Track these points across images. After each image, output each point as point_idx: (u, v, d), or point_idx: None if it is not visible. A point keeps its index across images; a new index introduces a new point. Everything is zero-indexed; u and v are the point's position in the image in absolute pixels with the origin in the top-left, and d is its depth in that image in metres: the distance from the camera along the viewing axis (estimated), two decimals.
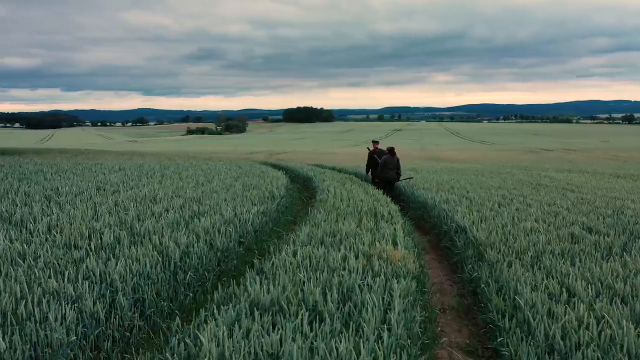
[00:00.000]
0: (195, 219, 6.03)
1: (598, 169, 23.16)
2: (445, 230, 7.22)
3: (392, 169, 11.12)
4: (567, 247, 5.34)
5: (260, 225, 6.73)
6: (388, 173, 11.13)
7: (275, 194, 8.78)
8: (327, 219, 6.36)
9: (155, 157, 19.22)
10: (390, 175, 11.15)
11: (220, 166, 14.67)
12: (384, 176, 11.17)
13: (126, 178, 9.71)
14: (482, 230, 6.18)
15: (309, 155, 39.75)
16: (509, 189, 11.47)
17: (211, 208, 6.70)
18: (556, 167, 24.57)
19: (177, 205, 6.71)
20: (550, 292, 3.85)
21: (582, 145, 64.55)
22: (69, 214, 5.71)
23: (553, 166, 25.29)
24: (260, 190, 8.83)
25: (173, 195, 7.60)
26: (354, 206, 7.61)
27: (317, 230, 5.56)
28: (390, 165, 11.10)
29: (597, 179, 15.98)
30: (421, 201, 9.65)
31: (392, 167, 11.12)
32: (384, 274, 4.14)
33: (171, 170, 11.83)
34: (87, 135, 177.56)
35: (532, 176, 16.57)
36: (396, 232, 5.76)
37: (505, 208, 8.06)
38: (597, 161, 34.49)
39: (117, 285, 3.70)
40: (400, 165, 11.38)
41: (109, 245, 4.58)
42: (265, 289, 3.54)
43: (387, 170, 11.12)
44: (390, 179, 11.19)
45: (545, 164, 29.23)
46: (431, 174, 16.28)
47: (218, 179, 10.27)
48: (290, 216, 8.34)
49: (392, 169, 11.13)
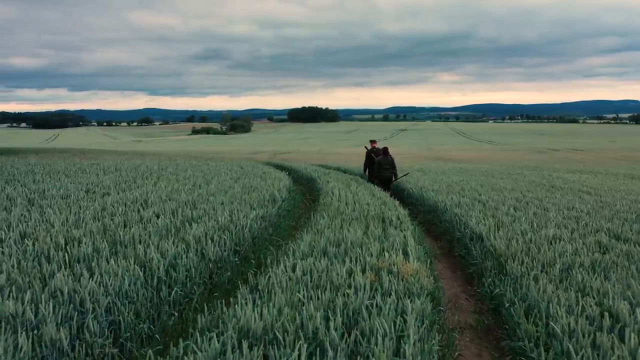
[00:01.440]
0: (187, 225, 5.53)
1: (610, 169, 22.54)
2: (459, 237, 6.69)
3: (387, 168, 11.41)
4: (597, 257, 4.81)
5: (258, 231, 6.22)
6: (384, 172, 11.42)
7: (276, 197, 8.28)
8: (331, 224, 5.84)
9: (155, 157, 18.77)
10: (386, 174, 11.44)
11: (221, 166, 14.18)
12: (380, 175, 11.43)
13: (120, 179, 9.23)
14: (500, 238, 5.64)
15: (313, 155, 39.24)
16: (522, 190, 10.93)
17: (206, 212, 6.20)
18: (566, 167, 23.97)
19: (168, 210, 6.21)
20: (588, 314, 3.32)
21: (589, 145, 63.70)
22: (48, 220, 5.22)
23: (563, 166, 24.67)
24: (261, 193, 8.33)
25: (166, 199, 7.11)
26: (360, 210, 7.09)
27: (320, 238, 5.05)
28: (386, 164, 11.39)
29: (611, 180, 15.39)
30: (431, 204, 9.13)
31: (388, 167, 11.41)
32: (395, 292, 3.62)
33: (169, 171, 11.35)
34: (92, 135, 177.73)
35: (544, 177, 16.00)
36: (406, 240, 5.24)
37: (522, 212, 7.52)
38: (607, 161, 33.79)
39: (88, 305, 3.20)
40: (395, 164, 11.66)
41: (85, 256, 4.08)
42: (258, 312, 3.03)
43: (382, 170, 11.42)
44: (387, 178, 11.46)
45: (554, 163, 28.60)
46: (439, 175, 15.74)
47: (217, 180, 9.78)
48: (291, 220, 7.83)
49: (388, 168, 11.42)
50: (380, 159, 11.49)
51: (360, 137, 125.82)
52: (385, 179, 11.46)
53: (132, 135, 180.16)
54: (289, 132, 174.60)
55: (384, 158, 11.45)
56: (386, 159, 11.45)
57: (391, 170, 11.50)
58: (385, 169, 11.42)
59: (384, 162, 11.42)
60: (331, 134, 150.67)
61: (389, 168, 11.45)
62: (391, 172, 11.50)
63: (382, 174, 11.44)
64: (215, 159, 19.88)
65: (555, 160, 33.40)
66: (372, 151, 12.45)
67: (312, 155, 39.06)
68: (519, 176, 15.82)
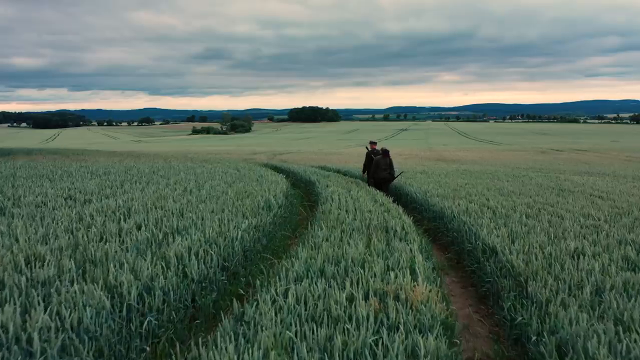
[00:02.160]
0: (171, 238, 4.99)
1: (617, 170, 21.97)
2: (469, 249, 6.15)
3: (384, 169, 11.48)
4: (628, 277, 4.26)
5: (250, 242, 5.68)
6: (381, 173, 11.49)
7: (272, 203, 7.74)
8: (330, 237, 5.31)
9: (150, 159, 18.24)
10: (383, 175, 11.51)
11: (216, 169, 13.65)
12: (377, 176, 11.52)
13: (106, 184, 8.69)
14: (516, 252, 5.11)
15: (313, 155, 38.68)
16: (531, 195, 10.39)
17: (193, 223, 5.65)
18: (572, 168, 23.40)
19: (152, 220, 5.67)
20: (635, 357, 2.79)
21: (592, 145, 63.09)
22: (13, 234, 4.67)
23: (568, 167, 24.11)
24: (255, 199, 7.78)
25: (152, 206, 6.56)
26: (361, 219, 6.56)
27: (317, 255, 4.51)
28: (383, 165, 11.48)
29: (621, 183, 14.84)
30: (437, 210, 8.58)
31: (385, 168, 11.48)
32: (404, 324, 3.09)
33: (160, 174, 10.82)
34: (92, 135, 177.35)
35: (551, 179, 15.46)
36: (414, 256, 4.71)
37: (535, 220, 6.97)
38: (612, 162, 33.20)
39: (36, 347, 2.67)
40: (392, 165, 11.74)
41: (45, 280, 3.54)
42: (240, 357, 2.50)
43: (379, 170, 11.49)
44: (384, 178, 11.54)
45: (559, 164, 28.03)
46: (443, 177, 15.19)
47: (210, 185, 9.24)
48: (287, 230, 7.30)
49: (385, 169, 11.49)
50: (378, 159, 11.55)
51: (360, 137, 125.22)
52: (382, 179, 11.53)
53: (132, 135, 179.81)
54: (289, 132, 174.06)
55: (381, 158, 11.52)
56: (384, 159, 11.52)
57: (388, 171, 11.55)
58: (382, 170, 11.48)
59: (381, 163, 11.49)
60: (331, 133, 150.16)
61: (386, 169, 11.51)
62: (388, 172, 11.56)
63: (379, 174, 11.50)
64: (211, 160, 19.35)
65: (559, 161, 32.81)
66: (373, 152, 12.40)
67: (312, 155, 38.50)
68: (525, 179, 15.28)
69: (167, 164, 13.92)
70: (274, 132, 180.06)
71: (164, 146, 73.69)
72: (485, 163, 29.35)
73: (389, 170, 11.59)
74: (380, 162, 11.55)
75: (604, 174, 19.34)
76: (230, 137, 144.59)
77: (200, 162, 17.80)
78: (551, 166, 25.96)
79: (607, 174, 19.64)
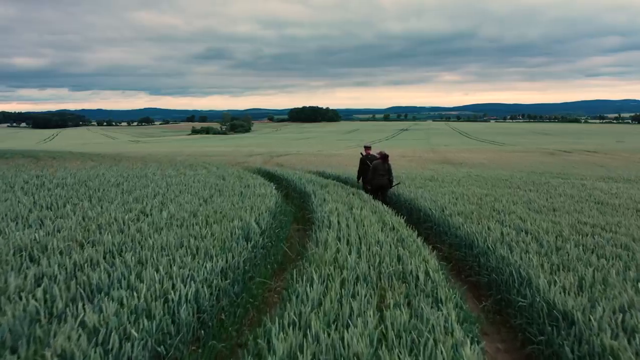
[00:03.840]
0: (76, 309, 3.21)
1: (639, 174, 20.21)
2: (521, 304, 4.38)
3: (383, 174, 10.55)
4: None
5: (210, 301, 3.92)
6: (379, 179, 10.56)
7: (253, 229, 5.97)
8: (324, 301, 3.54)
9: (131, 162, 16.49)
10: (381, 181, 10.57)
11: (198, 176, 11.89)
12: (375, 182, 10.59)
13: (45, 201, 6.92)
14: (605, 323, 3.36)
15: (312, 157, 36.86)
16: (568, 211, 8.65)
17: (123, 276, 3.87)
18: (590, 173, 21.59)
19: (64, 269, 3.90)
20: None
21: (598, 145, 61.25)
22: None
23: (586, 172, 22.29)
24: (231, 223, 6.01)
25: (82, 241, 4.80)
26: (369, 257, 4.81)
27: (303, 341, 2.77)
28: (381, 171, 10.53)
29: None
30: (461, 236, 6.82)
31: (383, 173, 10.55)
32: None
33: (124, 186, 9.04)
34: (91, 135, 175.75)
35: (576, 187, 13.73)
36: (454, 336, 2.96)
37: (602, 258, 5.21)
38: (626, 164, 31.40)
39: None
40: (392, 170, 10.76)
41: None
42: None
43: (377, 176, 10.57)
44: (382, 185, 10.60)
45: (573, 167, 26.25)
46: (455, 185, 13.44)
47: (177, 203, 7.47)
48: (267, 272, 5.53)
49: (383, 175, 10.56)
50: (376, 164, 10.56)
51: (360, 137, 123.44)
52: (379, 185, 10.58)
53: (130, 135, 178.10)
54: (289, 132, 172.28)
55: (380, 164, 10.52)
56: (383, 164, 10.53)
57: (387, 177, 10.58)
58: (380, 175, 10.53)
59: (379, 168, 10.51)
60: (331, 133, 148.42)
61: (385, 174, 10.56)
62: (387, 178, 10.58)
63: (376, 180, 10.55)
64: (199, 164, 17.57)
65: (571, 164, 31.00)
66: (367, 158, 11.37)
67: (311, 158, 36.68)
68: (548, 187, 13.52)
69: (142, 172, 12.16)
70: (273, 132, 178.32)
71: (160, 147, 71.82)
72: (493, 166, 27.57)
73: (387, 176, 10.61)
74: (378, 167, 10.52)
75: (629, 180, 17.54)
76: (229, 137, 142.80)
77: (186, 167, 16.04)
78: (565, 169, 24.15)
79: (632, 179, 17.83)
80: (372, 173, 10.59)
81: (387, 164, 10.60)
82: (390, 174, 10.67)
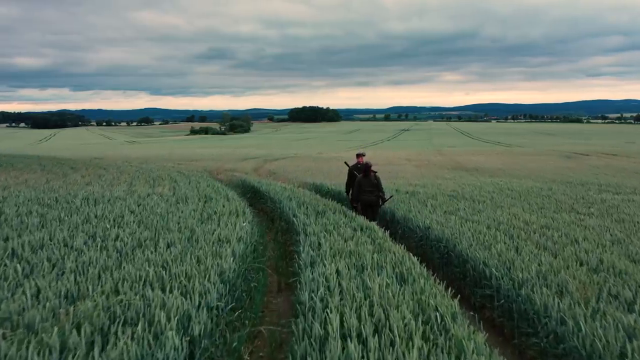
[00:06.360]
0: None
1: None
2: None
3: (370, 190, 9.23)
4: None
5: None
6: (366, 196, 9.23)
7: (192, 320, 2.93)
8: None
9: (90, 170, 13.46)
10: (369, 198, 9.23)
11: (146, 201, 8.87)
12: (362, 199, 9.26)
13: None
14: None
15: (311, 162, 33.79)
16: None
17: None
18: (633, 182, 18.45)
19: None
20: None
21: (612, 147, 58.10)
22: None
23: (626, 181, 19.20)
24: (142, 333, 2.97)
25: None
26: None
27: None
28: (367, 187, 9.21)
29: None
30: (553, 331, 3.80)
31: (370, 189, 9.22)
32: None
33: (15, 222, 6.02)
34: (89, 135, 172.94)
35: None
36: None
37: None
38: None
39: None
40: (380, 185, 9.36)
41: None
42: None
43: (363, 192, 9.24)
44: (370, 202, 9.26)
45: (606, 175, 23.16)
46: (489, 205, 10.44)
47: (62, 284, 4.42)
48: None
49: (371, 191, 9.23)
50: (359, 180, 9.29)
51: (361, 137, 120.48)
52: (368, 203, 9.25)
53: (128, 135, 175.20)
54: (288, 132, 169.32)
55: (363, 178, 9.24)
56: (366, 179, 9.22)
57: (375, 193, 9.25)
58: (367, 192, 9.21)
59: (364, 184, 9.23)
60: (331, 134, 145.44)
61: (373, 190, 9.22)
62: (375, 195, 9.25)
63: (363, 197, 9.23)
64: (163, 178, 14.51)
65: (596, 169, 27.93)
66: (357, 168, 9.96)
67: (309, 162, 33.62)
68: (607, 207, 10.49)
69: (78, 190, 9.11)
70: (273, 132, 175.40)
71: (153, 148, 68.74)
72: (515, 173, 24.46)
73: (376, 192, 9.21)
74: (362, 183, 9.21)
75: None
76: (227, 138, 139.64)
77: (149, 180, 13.00)
78: (598, 177, 21.07)
79: None
80: (357, 190, 9.25)
81: (373, 178, 9.20)
82: (379, 189, 9.26)
